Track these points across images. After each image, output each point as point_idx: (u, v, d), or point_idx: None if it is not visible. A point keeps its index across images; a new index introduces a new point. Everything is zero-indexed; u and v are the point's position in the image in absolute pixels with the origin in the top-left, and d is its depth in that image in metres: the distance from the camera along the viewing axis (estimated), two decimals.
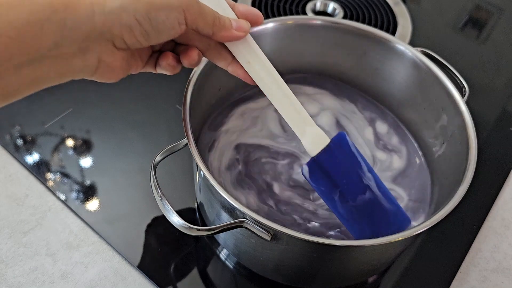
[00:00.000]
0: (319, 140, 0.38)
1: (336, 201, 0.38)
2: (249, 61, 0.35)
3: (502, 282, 0.47)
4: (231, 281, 0.45)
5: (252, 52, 0.35)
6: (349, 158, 0.39)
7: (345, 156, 0.39)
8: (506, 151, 0.59)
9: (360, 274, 0.43)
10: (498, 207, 0.53)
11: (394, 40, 0.48)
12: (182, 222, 0.35)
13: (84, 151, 0.53)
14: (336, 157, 0.38)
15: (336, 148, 0.38)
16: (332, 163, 0.38)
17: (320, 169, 0.38)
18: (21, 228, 0.46)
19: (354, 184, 0.39)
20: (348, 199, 0.38)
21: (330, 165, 0.38)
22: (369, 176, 0.39)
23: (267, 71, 0.36)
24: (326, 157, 0.38)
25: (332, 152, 0.38)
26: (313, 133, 0.37)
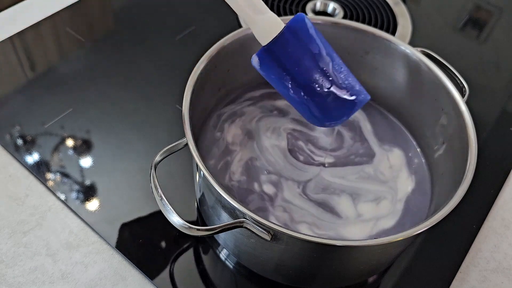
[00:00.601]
0: (272, 26, 0.35)
1: (289, 88, 0.36)
2: None
3: (502, 282, 0.47)
4: (231, 281, 0.45)
5: None
6: (305, 42, 0.35)
7: (300, 41, 0.35)
8: (506, 151, 0.59)
9: (360, 274, 0.43)
10: (498, 207, 0.53)
11: (394, 40, 0.48)
12: (182, 222, 0.35)
13: (84, 151, 0.53)
14: (290, 43, 0.35)
15: (292, 33, 0.35)
16: (285, 50, 0.35)
17: (272, 57, 0.35)
18: (21, 228, 0.46)
19: (309, 69, 0.36)
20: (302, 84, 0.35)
21: (283, 53, 0.35)
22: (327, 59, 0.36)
23: None
24: (279, 45, 0.35)
25: (286, 39, 0.35)
26: (265, 20, 0.34)
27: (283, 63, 0.35)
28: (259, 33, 0.35)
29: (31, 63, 0.64)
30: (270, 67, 0.36)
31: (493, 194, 0.54)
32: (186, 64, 0.45)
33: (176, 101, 0.59)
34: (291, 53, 0.35)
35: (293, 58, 0.35)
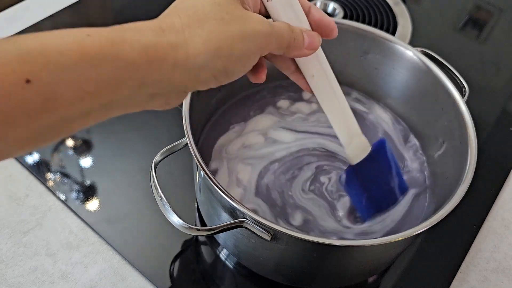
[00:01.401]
0: (362, 150, 0.40)
1: (363, 202, 0.42)
2: (313, 75, 0.35)
3: (502, 282, 0.47)
4: (231, 281, 0.45)
5: (318, 66, 0.35)
6: (383, 163, 0.42)
7: (380, 162, 0.41)
8: (506, 151, 0.59)
9: (360, 274, 0.43)
10: (498, 207, 0.53)
11: (394, 40, 0.48)
12: (182, 222, 0.35)
13: (84, 151, 0.53)
14: (373, 164, 0.40)
15: (375, 155, 0.40)
16: (369, 169, 0.41)
17: (357, 175, 0.41)
18: (21, 228, 0.46)
19: (382, 187, 0.43)
20: (373, 199, 0.42)
21: (366, 172, 0.40)
22: (395, 179, 0.42)
23: (329, 85, 0.36)
24: (364, 165, 0.40)
25: (371, 160, 0.40)
26: (358, 143, 0.39)
27: (364, 180, 0.41)
28: (351, 153, 0.40)
29: None
30: (353, 184, 0.41)
31: (493, 194, 0.54)
32: None
33: None
34: (372, 171, 0.41)
35: (372, 175, 0.42)
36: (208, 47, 0.26)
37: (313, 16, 0.33)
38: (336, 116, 0.37)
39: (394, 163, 0.42)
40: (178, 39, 0.26)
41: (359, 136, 0.39)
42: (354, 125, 0.38)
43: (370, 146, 0.40)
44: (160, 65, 0.25)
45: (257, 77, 0.33)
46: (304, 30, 0.32)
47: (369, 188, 0.41)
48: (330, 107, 0.37)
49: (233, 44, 0.27)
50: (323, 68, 0.35)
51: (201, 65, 0.26)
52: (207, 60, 0.26)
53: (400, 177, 0.43)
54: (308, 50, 0.32)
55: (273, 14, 0.32)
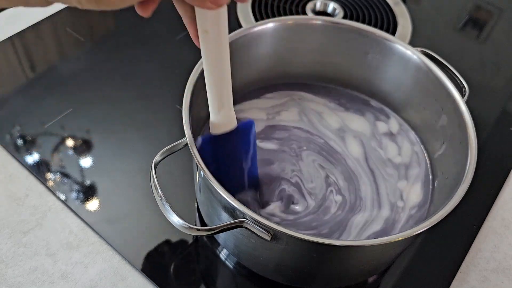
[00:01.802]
0: (227, 123, 0.38)
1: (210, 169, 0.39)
2: (207, 31, 0.32)
3: (502, 282, 0.47)
4: (231, 281, 0.45)
5: (215, 25, 0.32)
6: (243, 145, 0.41)
7: (240, 142, 0.40)
8: (506, 151, 0.59)
9: (360, 274, 0.43)
10: (498, 207, 0.53)
11: (394, 40, 0.48)
12: (182, 222, 0.35)
13: (84, 151, 0.53)
14: (232, 141, 0.40)
15: (238, 133, 0.39)
16: (226, 145, 0.40)
17: (212, 146, 0.39)
18: (21, 228, 0.46)
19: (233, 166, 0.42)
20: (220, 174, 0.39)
21: (223, 147, 0.40)
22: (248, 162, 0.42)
23: (219, 48, 0.34)
24: (223, 140, 0.39)
25: (232, 136, 0.39)
26: (225, 116, 0.38)
27: (218, 153, 0.40)
28: (215, 124, 0.38)
29: (31, 63, 0.64)
30: (207, 152, 0.39)
31: (493, 194, 0.54)
32: (186, 64, 0.44)
33: (176, 101, 0.58)
34: (227, 148, 0.40)
35: (227, 152, 0.41)
36: None
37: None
38: (215, 81, 0.36)
39: (254, 148, 0.42)
40: None
41: (229, 109, 0.38)
42: (228, 97, 0.37)
43: (236, 123, 0.39)
44: None
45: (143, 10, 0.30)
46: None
47: (220, 162, 0.40)
48: (211, 70, 0.35)
49: None
50: (220, 29, 0.32)
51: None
52: None
53: (254, 163, 0.43)
54: (211, 3, 0.29)
55: None
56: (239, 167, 0.42)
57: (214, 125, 0.39)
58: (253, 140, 0.41)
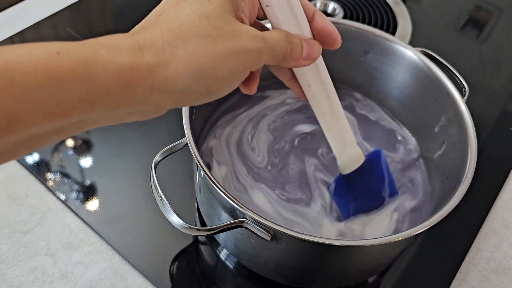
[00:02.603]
0: (355, 161, 0.39)
1: (351, 211, 0.41)
2: (310, 85, 0.33)
3: (502, 282, 0.47)
4: (231, 281, 0.45)
5: (316, 76, 0.33)
6: (377, 174, 0.41)
7: (373, 173, 0.40)
8: (506, 151, 0.59)
9: (360, 274, 0.43)
10: (498, 207, 0.53)
11: (394, 40, 0.48)
12: (182, 222, 0.35)
13: (84, 151, 0.53)
14: (364, 175, 0.39)
15: (368, 165, 0.39)
16: (359, 180, 0.39)
17: (346, 185, 0.40)
18: (21, 228, 0.46)
19: (371, 198, 0.42)
20: (361, 209, 0.41)
21: (356, 183, 0.39)
22: (387, 190, 0.41)
23: (326, 96, 0.34)
24: (355, 176, 0.39)
25: (363, 170, 0.39)
26: (351, 154, 0.38)
27: (354, 190, 0.40)
28: (343, 163, 0.39)
29: None
30: (342, 193, 0.40)
31: (493, 194, 0.54)
32: None
33: None
34: (363, 182, 0.40)
35: (363, 186, 0.41)
36: (190, 70, 0.24)
37: (316, 23, 0.31)
38: (331, 126, 0.36)
39: (388, 174, 0.41)
40: (157, 60, 0.23)
41: (353, 146, 0.38)
42: (348, 136, 0.37)
43: (364, 157, 0.39)
44: (135, 88, 0.23)
45: (248, 89, 0.31)
46: (304, 39, 0.29)
47: (359, 198, 0.41)
48: (325, 118, 0.36)
49: (218, 65, 0.25)
50: (321, 78, 0.33)
51: (182, 89, 0.24)
52: (189, 83, 0.24)
53: (392, 185, 0.42)
54: (306, 60, 0.30)
55: (272, 19, 0.30)
56: (379, 194, 0.42)
57: (343, 167, 0.39)
58: (385, 166, 0.41)
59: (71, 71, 0.21)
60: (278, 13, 0.29)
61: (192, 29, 0.24)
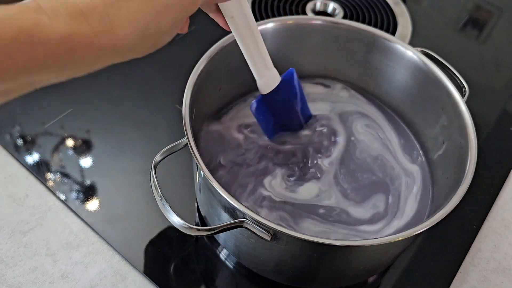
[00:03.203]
0: (273, 80, 0.43)
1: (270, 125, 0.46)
2: (233, 16, 0.37)
3: (502, 282, 0.47)
4: (231, 281, 0.45)
5: (238, 8, 0.36)
6: (292, 92, 0.46)
7: (289, 91, 0.45)
8: (506, 151, 0.59)
9: (360, 274, 0.43)
10: (498, 207, 0.53)
11: (394, 40, 0.48)
12: (182, 222, 0.35)
13: (84, 151, 0.53)
14: (282, 93, 0.44)
15: (284, 84, 0.44)
16: (277, 98, 0.44)
17: (266, 104, 0.44)
18: (21, 228, 0.46)
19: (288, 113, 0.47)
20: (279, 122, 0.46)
21: (275, 100, 0.44)
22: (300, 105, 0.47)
23: (248, 27, 0.38)
24: (274, 94, 0.44)
25: (280, 89, 0.44)
26: (269, 75, 0.43)
27: (272, 107, 0.45)
28: (263, 85, 0.43)
29: None
30: (262, 110, 0.45)
31: (493, 194, 0.54)
32: (186, 64, 0.44)
33: (176, 101, 0.58)
34: (279, 99, 0.45)
35: (280, 103, 0.45)
36: (135, 30, 0.25)
37: None
38: (252, 53, 0.40)
39: (300, 91, 0.47)
40: (103, 25, 0.24)
41: (271, 68, 0.42)
42: (267, 60, 0.42)
43: (280, 78, 0.44)
44: (83, 52, 0.24)
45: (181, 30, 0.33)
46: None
47: (277, 113, 0.46)
48: (247, 45, 0.40)
49: (160, 19, 0.26)
50: (243, 11, 0.37)
51: (129, 48, 0.26)
52: (136, 42, 0.26)
53: (304, 104, 0.48)
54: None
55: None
56: (294, 111, 0.47)
57: (263, 87, 0.43)
58: (297, 85, 0.46)
59: (14, 39, 0.21)
60: None
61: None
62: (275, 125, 0.47)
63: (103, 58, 0.25)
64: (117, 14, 0.24)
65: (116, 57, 0.26)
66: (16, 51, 0.21)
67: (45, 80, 0.24)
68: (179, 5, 0.27)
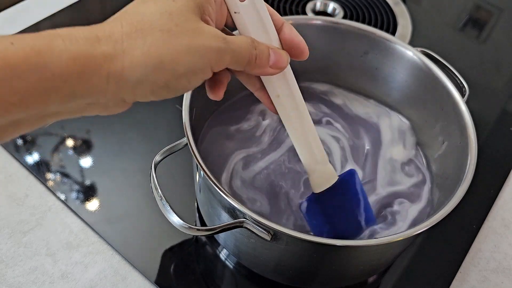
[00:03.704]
0: (327, 179, 0.37)
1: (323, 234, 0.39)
2: (279, 95, 0.33)
3: (502, 282, 0.47)
4: (231, 281, 0.45)
5: (285, 86, 0.33)
6: (351, 195, 0.39)
7: (347, 194, 0.38)
8: (506, 151, 0.59)
9: (360, 274, 0.43)
10: (498, 207, 0.53)
11: (394, 40, 0.48)
12: (182, 222, 0.35)
13: (84, 151, 0.53)
14: (338, 195, 0.38)
15: (341, 185, 0.38)
16: (332, 200, 0.38)
17: (319, 205, 0.38)
18: (21, 228, 0.46)
19: (347, 221, 0.39)
20: (334, 231, 0.38)
21: (330, 203, 0.38)
22: (362, 213, 0.39)
23: (296, 108, 0.34)
24: (328, 195, 0.38)
25: (336, 190, 0.38)
26: (322, 171, 0.37)
27: (327, 211, 0.38)
28: (315, 181, 0.37)
29: None
30: (315, 213, 0.38)
31: (493, 194, 0.54)
32: None
33: (176, 101, 0.58)
34: (336, 202, 0.38)
35: (337, 207, 0.38)
36: (147, 60, 0.24)
37: (285, 33, 0.31)
38: (300, 140, 0.35)
39: (363, 196, 0.39)
40: (114, 50, 0.23)
41: (324, 163, 0.37)
42: (319, 152, 0.36)
43: (337, 176, 0.38)
44: (91, 76, 0.23)
45: (213, 94, 0.31)
46: (271, 47, 0.30)
47: (332, 219, 0.39)
48: (294, 130, 0.35)
49: (176, 59, 0.25)
50: (291, 89, 0.33)
51: (139, 79, 0.24)
52: (146, 74, 0.24)
53: (368, 211, 0.40)
54: (273, 69, 0.30)
55: (240, 27, 0.30)
56: (352, 216, 0.39)
57: (315, 184, 0.37)
58: (359, 188, 0.39)
59: (25, 59, 0.21)
60: (246, 20, 0.29)
61: (153, 23, 0.25)
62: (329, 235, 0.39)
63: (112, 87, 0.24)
64: (131, 43, 0.24)
65: (125, 89, 0.25)
66: (27, 72, 0.21)
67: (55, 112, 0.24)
68: (201, 53, 0.25)
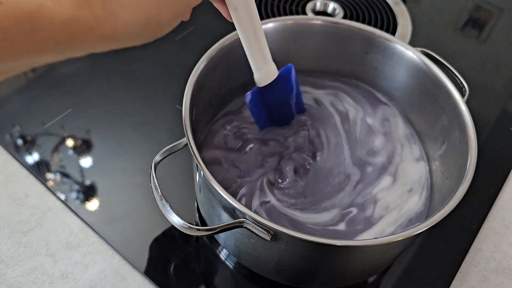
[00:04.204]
0: (270, 75, 0.43)
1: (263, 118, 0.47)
2: (236, 8, 0.37)
3: (502, 282, 0.47)
4: (231, 281, 0.45)
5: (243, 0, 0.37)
6: (287, 88, 0.46)
7: (284, 86, 0.46)
8: (506, 151, 0.59)
9: (360, 274, 0.43)
10: (498, 207, 0.53)
11: (394, 40, 0.48)
12: (182, 222, 0.35)
13: (84, 151, 0.53)
14: (277, 87, 0.45)
15: (281, 79, 0.44)
16: (272, 92, 0.45)
17: (261, 97, 0.45)
18: (21, 228, 0.46)
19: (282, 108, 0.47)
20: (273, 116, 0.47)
21: (270, 94, 0.45)
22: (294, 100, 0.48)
23: (250, 19, 0.38)
24: (269, 88, 0.44)
25: (276, 83, 0.44)
26: (267, 68, 0.43)
27: (267, 101, 0.45)
28: (259, 77, 0.43)
29: None
30: (257, 103, 0.45)
31: (493, 194, 0.54)
32: (186, 64, 0.44)
33: (176, 101, 0.59)
34: (275, 94, 0.45)
35: (275, 98, 0.46)
36: (137, 19, 0.26)
37: None
38: (253, 45, 0.41)
39: (297, 87, 0.47)
40: (104, 12, 0.25)
41: (270, 62, 0.43)
42: (267, 54, 0.42)
43: (277, 72, 0.44)
44: (83, 38, 0.24)
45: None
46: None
47: (271, 107, 0.46)
48: (248, 38, 0.40)
49: (162, 10, 0.27)
50: (247, 2, 0.37)
51: (129, 36, 0.26)
52: (136, 31, 0.26)
53: (299, 99, 0.48)
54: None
55: None
56: (288, 106, 0.48)
57: (259, 79, 0.43)
58: (294, 80, 0.46)
59: (17, 23, 0.22)
60: None
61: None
62: (268, 118, 0.47)
63: (103, 44, 0.26)
64: (119, 3, 0.25)
65: (115, 43, 0.26)
66: (18, 34, 0.22)
67: (43, 61, 0.25)
68: None
